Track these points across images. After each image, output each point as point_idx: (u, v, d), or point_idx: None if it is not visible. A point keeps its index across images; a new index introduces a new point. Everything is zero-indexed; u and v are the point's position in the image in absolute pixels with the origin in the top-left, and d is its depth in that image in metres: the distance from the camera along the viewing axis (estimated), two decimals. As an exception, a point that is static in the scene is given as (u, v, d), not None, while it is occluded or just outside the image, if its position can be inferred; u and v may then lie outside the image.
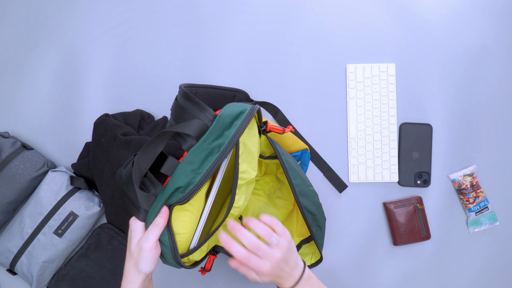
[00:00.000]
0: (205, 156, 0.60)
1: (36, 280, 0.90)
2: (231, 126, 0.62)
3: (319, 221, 0.81)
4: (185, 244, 0.64)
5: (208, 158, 0.60)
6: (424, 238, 0.95)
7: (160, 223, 0.60)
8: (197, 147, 0.61)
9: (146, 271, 0.61)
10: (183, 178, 0.60)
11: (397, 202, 0.95)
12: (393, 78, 0.98)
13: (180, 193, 0.60)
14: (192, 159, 0.61)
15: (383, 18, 0.99)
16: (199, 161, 0.60)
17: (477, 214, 0.96)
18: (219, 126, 0.62)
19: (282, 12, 0.99)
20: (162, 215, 0.60)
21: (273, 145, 0.75)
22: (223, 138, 0.61)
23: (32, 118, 0.99)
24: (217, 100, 0.90)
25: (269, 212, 0.92)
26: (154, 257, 0.61)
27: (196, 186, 0.59)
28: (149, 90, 0.99)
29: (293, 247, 0.65)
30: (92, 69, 0.99)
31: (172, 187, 0.60)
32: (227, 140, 0.60)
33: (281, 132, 0.74)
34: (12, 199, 0.90)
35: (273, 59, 0.99)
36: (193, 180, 0.60)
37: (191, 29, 1.00)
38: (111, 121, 0.90)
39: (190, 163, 0.60)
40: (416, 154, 0.97)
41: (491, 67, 0.98)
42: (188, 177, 0.60)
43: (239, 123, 0.62)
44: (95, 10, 1.00)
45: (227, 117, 0.63)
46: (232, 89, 0.91)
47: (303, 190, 0.78)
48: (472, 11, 0.99)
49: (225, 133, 0.61)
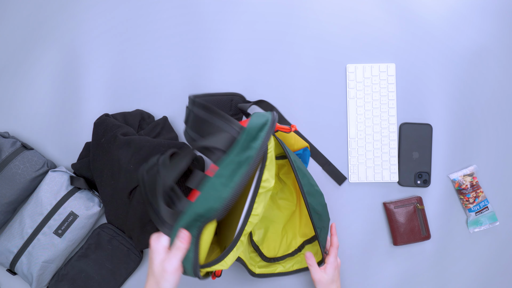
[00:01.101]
0: (233, 169, 0.58)
1: (36, 280, 0.90)
2: (257, 138, 0.60)
3: (324, 221, 0.81)
4: (203, 255, 0.64)
5: (238, 171, 0.58)
6: (424, 238, 0.95)
7: (183, 248, 0.60)
8: (226, 160, 0.59)
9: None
10: (214, 195, 0.58)
11: (397, 202, 0.95)
12: (393, 78, 0.98)
13: (213, 211, 0.58)
14: (222, 172, 0.59)
15: (383, 18, 0.99)
16: (228, 175, 0.58)
17: (477, 214, 0.96)
18: (246, 138, 0.60)
19: (282, 12, 0.99)
20: (184, 240, 0.60)
21: (282, 146, 0.73)
22: (251, 150, 0.59)
23: (32, 118, 0.99)
24: (218, 107, 0.92)
25: (272, 213, 0.91)
26: (176, 279, 0.62)
27: (229, 201, 0.57)
28: (149, 90, 0.99)
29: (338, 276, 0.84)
30: (92, 69, 0.99)
31: (205, 205, 0.59)
32: (255, 152, 0.59)
33: (288, 131, 0.73)
34: (12, 199, 0.90)
35: (273, 59, 0.99)
36: (224, 195, 0.57)
37: (191, 29, 1.00)
38: (111, 121, 0.90)
39: (220, 176, 0.58)
40: (416, 154, 0.97)
41: (491, 67, 0.98)
42: (219, 192, 0.58)
43: (263, 134, 0.60)
44: (95, 10, 1.00)
45: (253, 129, 0.61)
46: (228, 93, 0.92)
47: (310, 190, 0.78)
48: (472, 11, 0.99)
49: (252, 145, 0.59)
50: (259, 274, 0.86)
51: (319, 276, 0.81)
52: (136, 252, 0.93)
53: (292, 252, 0.90)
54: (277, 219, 0.92)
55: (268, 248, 0.90)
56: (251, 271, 0.86)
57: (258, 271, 0.86)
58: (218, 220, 0.61)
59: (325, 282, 0.82)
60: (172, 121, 0.99)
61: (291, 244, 0.90)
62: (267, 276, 0.87)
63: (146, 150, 0.87)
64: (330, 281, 0.82)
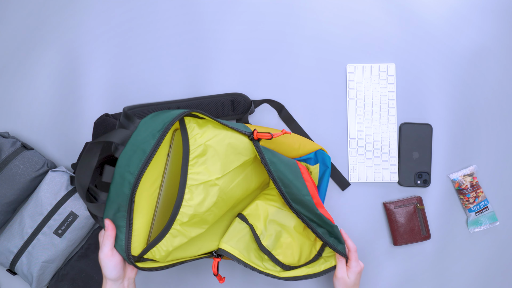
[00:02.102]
0: (129, 157, 0.65)
1: (36, 280, 0.90)
2: (160, 129, 0.66)
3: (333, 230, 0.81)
4: (140, 243, 0.70)
5: (133, 159, 0.65)
6: (424, 238, 0.95)
7: (109, 235, 0.66)
8: (124, 151, 0.66)
9: (109, 277, 0.68)
10: (121, 183, 0.65)
11: (397, 202, 0.95)
12: (393, 78, 0.98)
13: (125, 197, 0.65)
14: (124, 162, 0.65)
15: (383, 18, 0.99)
16: (125, 163, 0.65)
17: (477, 214, 0.96)
18: (142, 130, 0.66)
19: (282, 12, 0.99)
20: (108, 228, 0.67)
21: (259, 153, 0.75)
22: (151, 139, 0.65)
23: (32, 118, 0.99)
24: (217, 108, 0.92)
25: (284, 217, 0.87)
26: (112, 264, 0.67)
27: (133, 185, 0.64)
28: (149, 90, 0.99)
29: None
30: (92, 69, 0.99)
31: (118, 194, 0.65)
32: (154, 141, 0.65)
33: (268, 137, 0.75)
34: (12, 199, 0.90)
35: (272, 59, 0.99)
36: (130, 180, 0.64)
37: (191, 29, 1.00)
38: (111, 121, 0.90)
39: (123, 166, 0.65)
40: (416, 154, 0.97)
41: (491, 67, 0.98)
42: (124, 179, 0.65)
43: (163, 126, 0.66)
44: (95, 10, 1.00)
45: (153, 121, 0.67)
46: (228, 94, 0.92)
47: (297, 198, 0.78)
48: (472, 11, 0.99)
49: (152, 134, 0.66)
50: (285, 278, 0.82)
51: (343, 274, 0.82)
52: (136, 252, 0.94)
53: (313, 258, 0.87)
54: (290, 224, 0.87)
55: (285, 255, 0.85)
56: (273, 275, 0.82)
57: (283, 274, 0.83)
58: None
59: (347, 283, 0.82)
60: (172, 121, 0.99)
61: (311, 251, 0.87)
62: (294, 279, 0.83)
63: (146, 150, 0.87)
64: (352, 284, 0.82)
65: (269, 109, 0.99)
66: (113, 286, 0.68)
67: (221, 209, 0.76)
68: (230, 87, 0.99)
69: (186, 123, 0.70)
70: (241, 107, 0.95)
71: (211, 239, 0.82)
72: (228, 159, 0.74)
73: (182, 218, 0.70)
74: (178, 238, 0.72)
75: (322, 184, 0.92)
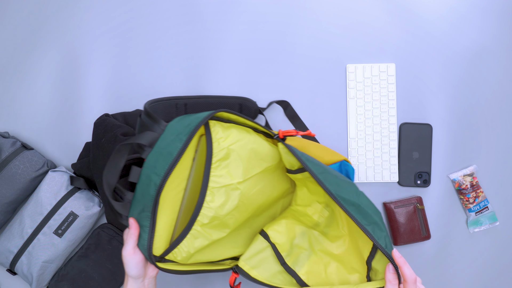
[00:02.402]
0: (159, 159, 0.65)
1: (36, 280, 0.90)
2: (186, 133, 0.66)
3: (370, 215, 0.67)
4: (162, 243, 0.70)
5: (160, 161, 0.65)
6: (424, 238, 0.95)
7: (132, 234, 0.67)
8: (151, 153, 0.66)
9: (130, 274, 0.69)
10: (148, 183, 0.65)
11: (397, 202, 0.95)
12: (393, 78, 0.98)
13: (150, 198, 0.66)
14: (150, 163, 0.66)
15: (383, 18, 0.99)
16: (153, 165, 0.65)
17: (477, 214, 0.96)
18: (169, 133, 0.66)
19: (282, 12, 0.99)
20: (131, 226, 0.67)
21: (292, 151, 0.70)
22: (177, 142, 0.65)
23: (32, 118, 0.99)
24: (224, 108, 0.93)
25: (314, 237, 0.80)
26: (134, 262, 0.68)
27: (159, 186, 0.64)
28: (149, 90, 0.99)
29: None
30: (92, 69, 0.99)
31: (144, 194, 0.66)
32: (181, 144, 0.65)
33: (293, 134, 0.74)
34: (12, 199, 0.90)
35: (272, 59, 0.99)
36: (156, 182, 0.64)
37: (191, 29, 1.00)
38: (111, 121, 0.90)
39: (149, 167, 0.66)
40: (416, 154, 0.97)
41: (491, 67, 0.98)
42: (151, 180, 0.65)
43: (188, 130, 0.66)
44: (95, 10, 1.00)
45: (179, 124, 0.67)
46: (237, 97, 0.93)
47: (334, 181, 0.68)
48: (472, 11, 0.99)
49: (174, 140, 0.65)
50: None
51: None
52: (136, 252, 0.94)
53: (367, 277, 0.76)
54: (323, 245, 0.80)
55: (312, 276, 0.79)
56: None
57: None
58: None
59: None
60: (172, 121, 0.99)
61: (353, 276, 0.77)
62: None
63: (146, 150, 0.87)
64: None
65: (273, 109, 0.99)
66: (134, 283, 0.70)
67: (242, 214, 0.75)
68: (230, 87, 0.99)
69: (211, 126, 0.71)
70: (248, 112, 0.95)
71: (233, 245, 0.81)
72: (250, 164, 0.74)
73: (202, 219, 0.70)
74: (199, 239, 0.72)
75: None
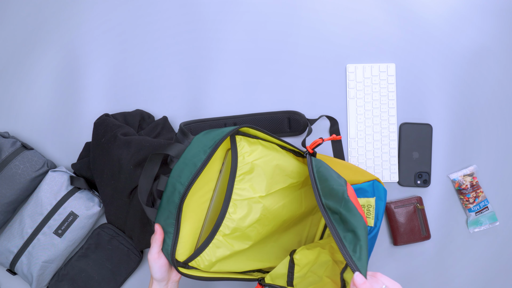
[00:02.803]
0: (184, 169, 0.69)
1: (36, 280, 0.90)
2: (210, 146, 0.70)
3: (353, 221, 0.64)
4: (186, 250, 0.73)
5: (185, 171, 0.69)
6: (424, 238, 0.95)
7: (157, 239, 0.70)
8: (177, 164, 0.70)
9: (155, 277, 0.72)
10: (171, 189, 0.69)
11: (397, 202, 0.95)
12: (393, 78, 0.98)
13: (175, 206, 0.69)
14: (176, 173, 0.70)
15: (383, 18, 0.99)
16: (178, 174, 0.70)
17: (477, 214, 0.96)
18: (195, 146, 0.71)
19: (282, 12, 0.99)
20: (156, 231, 0.71)
21: (309, 161, 0.72)
22: (202, 154, 0.69)
23: (32, 118, 0.99)
24: (273, 125, 0.95)
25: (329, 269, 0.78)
26: (157, 265, 0.71)
27: (183, 194, 0.68)
28: (149, 90, 0.99)
29: None
30: (92, 70, 0.99)
31: (169, 202, 0.70)
32: (205, 156, 0.69)
33: (320, 142, 0.78)
34: (12, 199, 0.90)
35: (272, 59, 0.99)
36: (181, 190, 0.68)
37: (191, 29, 1.00)
38: (111, 121, 0.90)
39: (175, 177, 0.70)
40: (416, 154, 0.97)
41: (491, 67, 0.98)
42: (175, 188, 0.69)
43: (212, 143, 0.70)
44: (95, 10, 1.00)
45: (205, 138, 0.72)
46: (285, 111, 0.95)
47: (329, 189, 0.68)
48: (472, 11, 0.99)
49: (204, 150, 0.70)
50: None
51: None
52: (136, 252, 0.93)
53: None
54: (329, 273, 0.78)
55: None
56: None
57: None
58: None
59: None
60: (172, 121, 0.99)
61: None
62: None
63: (146, 150, 0.87)
64: None
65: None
66: (158, 286, 0.73)
67: (265, 228, 0.78)
68: (230, 87, 0.99)
69: (237, 141, 0.74)
70: (297, 125, 0.95)
71: (257, 258, 0.82)
72: (274, 180, 0.77)
73: (224, 230, 0.74)
74: (221, 249, 0.75)
75: (377, 224, 0.85)
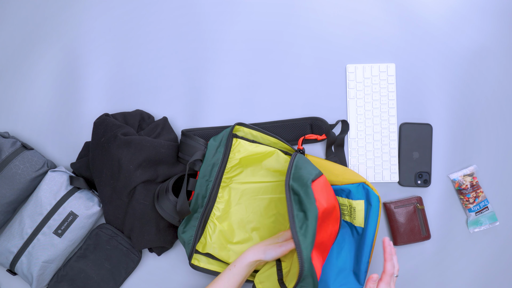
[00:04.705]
0: (210, 169, 0.89)
1: (36, 280, 0.90)
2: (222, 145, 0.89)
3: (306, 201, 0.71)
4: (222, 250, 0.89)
5: (213, 169, 0.89)
6: (424, 238, 0.95)
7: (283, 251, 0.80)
8: (202, 166, 0.89)
9: (266, 259, 0.79)
10: (200, 188, 0.88)
11: (397, 202, 0.95)
12: (393, 78, 0.98)
13: (200, 199, 0.89)
14: (203, 173, 0.89)
15: (383, 18, 0.99)
16: (208, 173, 0.89)
17: (477, 214, 0.96)
18: (211, 149, 0.89)
19: (282, 12, 0.99)
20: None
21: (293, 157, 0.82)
22: (218, 154, 0.89)
23: (32, 118, 0.99)
24: (296, 131, 0.97)
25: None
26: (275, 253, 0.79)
27: (212, 189, 0.88)
28: (149, 91, 0.99)
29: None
30: (92, 70, 0.99)
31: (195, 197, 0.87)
32: (221, 156, 0.89)
33: (313, 138, 0.92)
34: (12, 199, 0.90)
35: (272, 60, 0.99)
36: (208, 186, 0.89)
37: (191, 30, 1.00)
38: (111, 121, 0.90)
39: (202, 177, 0.88)
40: (416, 154, 0.97)
41: (491, 67, 0.98)
42: (203, 186, 0.88)
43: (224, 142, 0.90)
44: (95, 10, 1.00)
45: (215, 141, 0.90)
46: (307, 118, 0.96)
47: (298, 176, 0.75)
48: (472, 11, 0.99)
49: (218, 150, 0.89)
50: None
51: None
52: (135, 252, 0.93)
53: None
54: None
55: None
56: None
57: None
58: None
59: None
60: (172, 121, 0.99)
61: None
62: None
63: (146, 150, 0.87)
64: None
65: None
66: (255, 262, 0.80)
67: (248, 211, 0.92)
68: (230, 88, 0.99)
69: (234, 142, 0.91)
70: (319, 131, 0.95)
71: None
72: (259, 173, 0.92)
73: (216, 211, 0.91)
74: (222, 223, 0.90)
75: (368, 227, 0.86)
